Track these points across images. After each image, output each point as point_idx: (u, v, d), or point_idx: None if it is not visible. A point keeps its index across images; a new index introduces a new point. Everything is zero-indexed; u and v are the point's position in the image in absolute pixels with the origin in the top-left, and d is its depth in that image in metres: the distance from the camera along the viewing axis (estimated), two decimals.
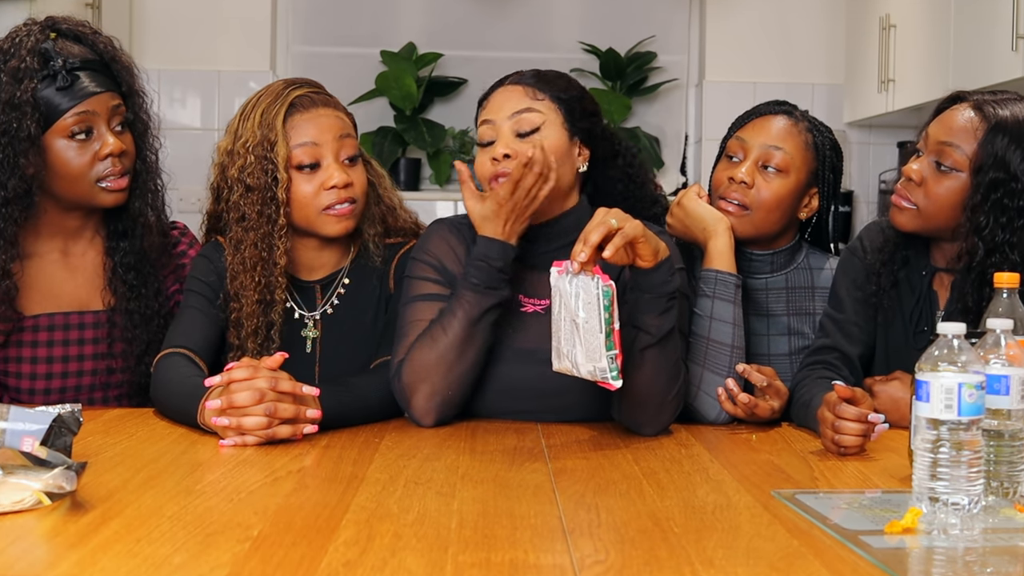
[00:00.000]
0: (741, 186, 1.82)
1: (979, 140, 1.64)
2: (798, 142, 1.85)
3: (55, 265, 1.84)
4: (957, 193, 1.66)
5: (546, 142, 1.69)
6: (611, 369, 1.45)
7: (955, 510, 1.15)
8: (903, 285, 1.79)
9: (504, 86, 1.77)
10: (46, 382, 1.82)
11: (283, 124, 1.74)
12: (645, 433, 1.63)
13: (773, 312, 1.90)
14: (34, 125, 1.70)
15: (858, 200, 4.20)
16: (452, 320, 1.65)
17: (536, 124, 1.71)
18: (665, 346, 1.59)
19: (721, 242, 1.80)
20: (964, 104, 1.69)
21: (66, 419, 1.24)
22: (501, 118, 1.73)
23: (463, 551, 1.06)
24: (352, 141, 1.80)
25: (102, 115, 1.76)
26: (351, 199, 1.77)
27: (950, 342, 1.18)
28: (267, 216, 1.74)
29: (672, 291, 1.57)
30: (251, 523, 1.13)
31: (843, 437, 1.50)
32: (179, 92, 4.16)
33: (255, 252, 1.75)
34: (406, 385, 1.65)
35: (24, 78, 1.70)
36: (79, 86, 1.73)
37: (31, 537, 1.09)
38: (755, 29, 4.21)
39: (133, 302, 1.84)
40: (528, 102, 1.72)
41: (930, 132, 1.71)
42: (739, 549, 1.09)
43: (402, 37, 4.29)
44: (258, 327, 1.75)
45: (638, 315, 1.58)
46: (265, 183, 1.74)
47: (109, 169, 1.77)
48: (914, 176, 1.69)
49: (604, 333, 1.43)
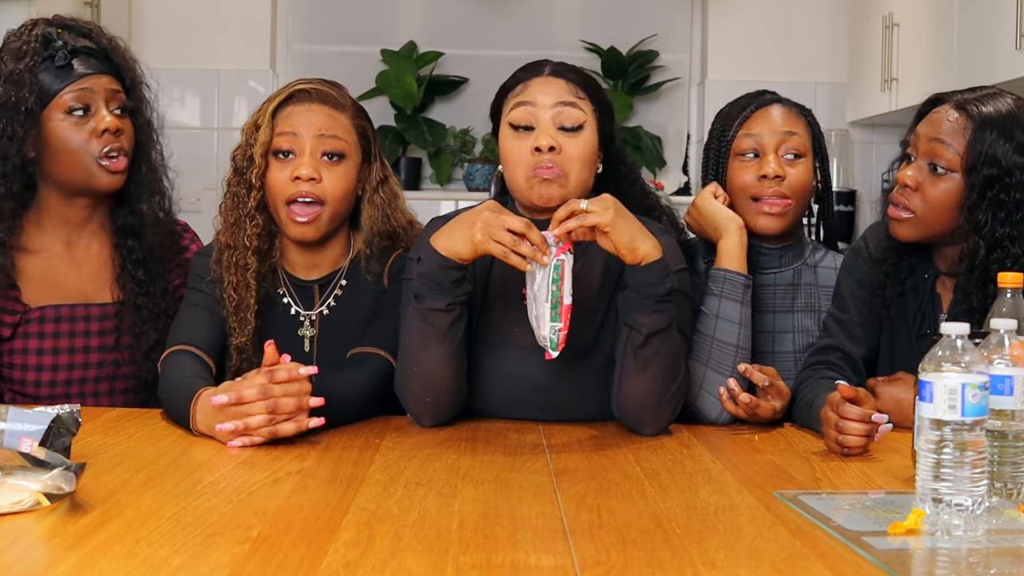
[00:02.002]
0: (775, 180, 1.83)
1: (968, 139, 1.63)
2: (801, 122, 1.88)
3: (60, 258, 1.86)
4: (953, 195, 1.65)
5: (586, 145, 1.68)
6: (551, 340, 1.51)
7: (959, 511, 1.15)
8: (906, 289, 1.78)
9: (544, 75, 1.71)
10: (52, 374, 1.82)
11: (274, 111, 1.76)
12: (646, 433, 1.63)
13: (779, 309, 1.90)
14: (33, 99, 1.73)
15: (861, 199, 4.20)
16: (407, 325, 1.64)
17: (580, 121, 1.68)
18: (657, 345, 1.58)
19: (732, 241, 1.80)
20: (946, 106, 1.68)
21: (65, 420, 1.24)
22: (544, 104, 1.68)
23: (464, 552, 1.05)
24: (336, 141, 1.76)
25: (100, 94, 1.79)
26: (316, 199, 1.75)
27: (953, 342, 1.17)
28: (240, 197, 1.77)
29: (663, 293, 1.56)
30: (251, 524, 1.13)
31: (847, 437, 1.50)
32: (178, 91, 4.16)
33: (229, 231, 1.78)
34: (397, 390, 1.68)
35: (24, 56, 1.75)
36: (78, 65, 1.77)
37: (30, 538, 1.09)
38: (757, 28, 4.20)
39: (142, 298, 1.86)
40: (573, 98, 1.69)
41: (920, 134, 1.70)
42: (741, 550, 1.09)
43: (403, 36, 4.28)
44: (238, 305, 1.76)
45: (629, 312, 1.58)
46: (244, 166, 1.77)
47: (108, 147, 1.78)
48: (909, 182, 1.68)
49: (550, 304, 1.48)
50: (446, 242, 1.57)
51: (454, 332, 1.62)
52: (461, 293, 1.61)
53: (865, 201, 4.21)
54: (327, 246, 1.84)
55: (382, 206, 1.84)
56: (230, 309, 1.77)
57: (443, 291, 1.59)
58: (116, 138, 1.79)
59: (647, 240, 1.55)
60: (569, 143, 1.67)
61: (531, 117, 1.68)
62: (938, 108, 1.70)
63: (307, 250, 1.83)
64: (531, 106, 1.68)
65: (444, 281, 1.58)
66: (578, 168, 1.67)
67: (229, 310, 1.77)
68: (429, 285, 1.59)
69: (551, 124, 1.67)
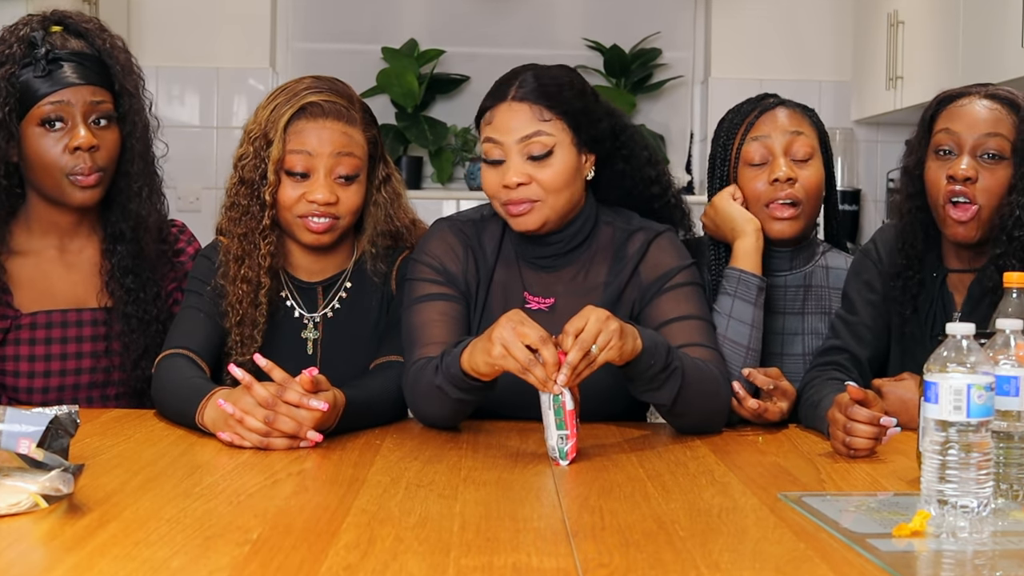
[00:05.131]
0: (788, 184, 1.82)
1: (1014, 124, 1.64)
2: (807, 124, 1.87)
3: (51, 263, 1.83)
4: (1008, 181, 1.65)
5: (558, 165, 1.67)
6: (559, 450, 1.44)
7: (964, 513, 1.14)
8: (917, 293, 1.77)
9: (508, 101, 1.68)
10: (43, 380, 1.80)
11: (286, 126, 1.72)
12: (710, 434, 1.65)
13: (789, 311, 1.90)
14: (9, 108, 1.70)
15: (866, 198, 4.18)
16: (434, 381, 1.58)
17: (548, 147, 1.67)
18: (685, 400, 1.56)
19: (748, 242, 1.80)
20: (972, 97, 1.68)
21: (63, 421, 1.23)
22: (510, 141, 1.67)
23: (465, 554, 1.04)
24: (352, 160, 1.74)
25: (78, 107, 1.73)
26: (332, 216, 1.74)
27: (959, 343, 1.16)
28: (252, 214, 1.74)
29: (662, 367, 1.51)
30: (251, 526, 1.12)
31: (854, 439, 1.49)
32: (177, 89, 4.14)
33: (240, 245, 1.75)
34: (410, 403, 1.68)
35: (5, 63, 1.71)
36: (59, 75, 1.72)
37: (27, 540, 1.08)
38: (761, 25, 4.19)
39: (131, 306, 1.82)
40: (537, 124, 1.67)
41: (957, 130, 1.67)
42: (745, 552, 1.08)
43: (404, 33, 4.27)
44: (243, 319, 1.74)
45: (643, 395, 1.56)
46: (255, 180, 1.74)
47: (79, 165, 1.74)
48: (969, 173, 1.65)
49: (553, 411, 1.44)
50: (469, 358, 1.51)
51: (464, 410, 1.61)
52: (480, 396, 1.58)
53: (870, 200, 4.20)
54: (333, 249, 1.82)
55: (385, 205, 1.83)
56: (233, 322, 1.75)
57: (462, 391, 1.56)
58: (90, 155, 1.74)
59: (632, 338, 1.48)
60: (540, 172, 1.67)
61: (500, 151, 1.69)
62: (961, 102, 1.68)
63: (313, 253, 1.82)
64: (497, 144, 1.68)
65: (463, 386, 1.55)
66: (553, 194, 1.68)
67: (232, 322, 1.75)
68: (448, 381, 1.55)
69: (520, 158, 1.67)
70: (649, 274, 1.74)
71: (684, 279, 1.73)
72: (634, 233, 1.77)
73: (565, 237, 1.75)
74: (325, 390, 1.52)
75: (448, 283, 1.74)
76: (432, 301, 1.72)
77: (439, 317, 1.71)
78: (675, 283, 1.73)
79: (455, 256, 1.76)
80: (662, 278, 1.73)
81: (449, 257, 1.76)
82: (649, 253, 1.75)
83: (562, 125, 1.68)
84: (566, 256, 1.76)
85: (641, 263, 1.75)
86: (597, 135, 1.74)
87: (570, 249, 1.76)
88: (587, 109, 1.72)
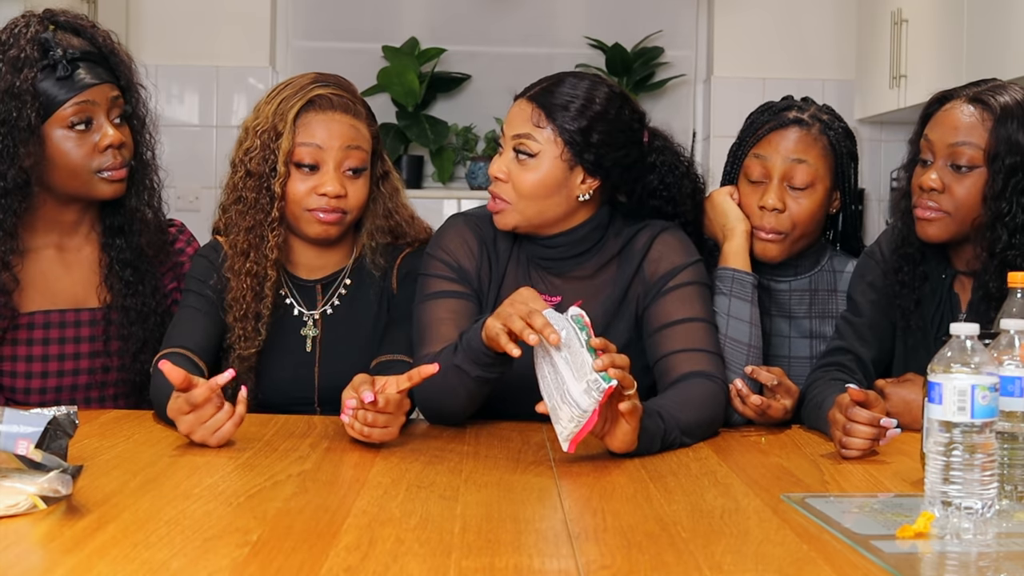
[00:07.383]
0: (773, 213, 1.80)
1: (989, 131, 1.64)
2: (816, 151, 1.82)
3: (50, 261, 1.83)
4: (981, 189, 1.65)
5: (536, 173, 1.67)
6: (602, 376, 1.37)
7: (968, 514, 1.13)
8: (923, 293, 1.77)
9: (523, 96, 1.72)
10: (42, 380, 1.80)
11: (295, 118, 1.72)
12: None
13: (795, 314, 1.90)
14: (34, 115, 1.69)
15: (869, 198, 4.17)
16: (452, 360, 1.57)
17: (532, 152, 1.68)
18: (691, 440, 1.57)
19: (737, 243, 1.81)
20: (956, 101, 1.68)
21: (61, 421, 1.23)
22: (508, 134, 1.71)
23: (466, 556, 1.04)
24: (360, 154, 1.75)
25: (102, 106, 1.75)
26: (341, 210, 1.74)
27: (963, 343, 1.16)
28: (261, 206, 1.74)
29: (660, 447, 1.50)
30: (250, 528, 1.12)
31: (852, 440, 1.48)
32: (177, 88, 4.14)
33: (247, 239, 1.75)
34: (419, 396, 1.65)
35: (23, 67, 1.69)
36: (78, 77, 1.73)
37: (26, 542, 1.08)
38: (764, 24, 4.18)
39: (129, 299, 1.82)
40: (529, 127, 1.68)
41: (933, 138, 1.69)
42: (748, 554, 1.08)
43: (404, 32, 4.27)
44: (247, 313, 1.74)
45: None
46: (264, 172, 1.73)
47: (110, 162, 1.76)
48: (935, 185, 1.67)
49: (586, 348, 1.39)
50: (487, 329, 1.50)
51: (479, 392, 1.60)
52: (494, 374, 1.56)
53: (873, 199, 4.19)
54: (332, 246, 1.82)
55: (383, 201, 1.83)
56: (237, 316, 1.75)
57: (481, 367, 1.55)
58: (119, 151, 1.76)
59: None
60: (519, 173, 1.68)
61: (502, 141, 1.73)
62: (946, 106, 1.69)
63: (313, 250, 1.82)
64: (502, 133, 1.73)
65: (482, 361, 1.54)
66: (524, 200, 1.69)
67: (236, 316, 1.75)
68: (468, 357, 1.54)
69: (511, 152, 1.70)
70: (653, 271, 1.74)
71: (687, 278, 1.73)
72: (640, 231, 1.77)
73: (568, 242, 1.75)
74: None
75: (461, 280, 1.74)
76: (444, 299, 1.72)
77: (449, 315, 1.70)
78: (678, 283, 1.72)
79: (470, 252, 1.76)
80: (665, 277, 1.73)
81: (463, 253, 1.76)
82: (653, 249, 1.75)
83: (554, 137, 1.67)
84: (573, 259, 1.76)
85: (645, 259, 1.75)
86: (603, 162, 1.70)
87: (576, 254, 1.75)
88: (591, 130, 1.67)
